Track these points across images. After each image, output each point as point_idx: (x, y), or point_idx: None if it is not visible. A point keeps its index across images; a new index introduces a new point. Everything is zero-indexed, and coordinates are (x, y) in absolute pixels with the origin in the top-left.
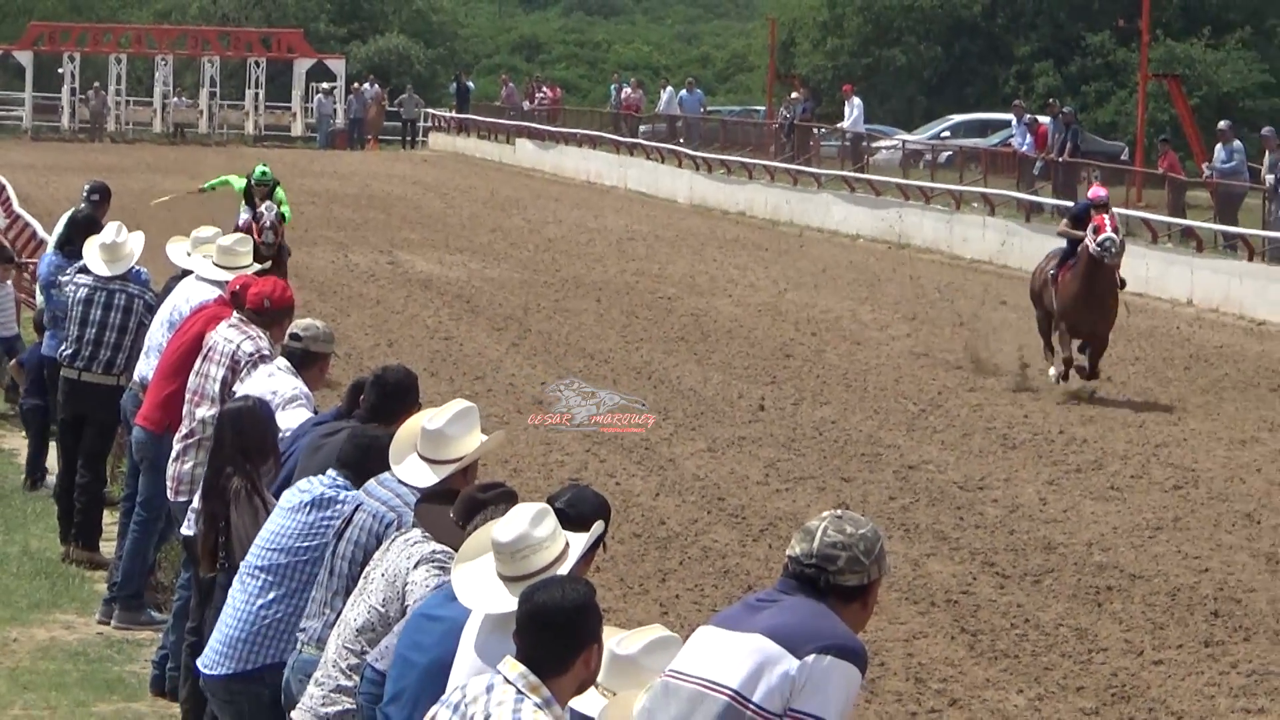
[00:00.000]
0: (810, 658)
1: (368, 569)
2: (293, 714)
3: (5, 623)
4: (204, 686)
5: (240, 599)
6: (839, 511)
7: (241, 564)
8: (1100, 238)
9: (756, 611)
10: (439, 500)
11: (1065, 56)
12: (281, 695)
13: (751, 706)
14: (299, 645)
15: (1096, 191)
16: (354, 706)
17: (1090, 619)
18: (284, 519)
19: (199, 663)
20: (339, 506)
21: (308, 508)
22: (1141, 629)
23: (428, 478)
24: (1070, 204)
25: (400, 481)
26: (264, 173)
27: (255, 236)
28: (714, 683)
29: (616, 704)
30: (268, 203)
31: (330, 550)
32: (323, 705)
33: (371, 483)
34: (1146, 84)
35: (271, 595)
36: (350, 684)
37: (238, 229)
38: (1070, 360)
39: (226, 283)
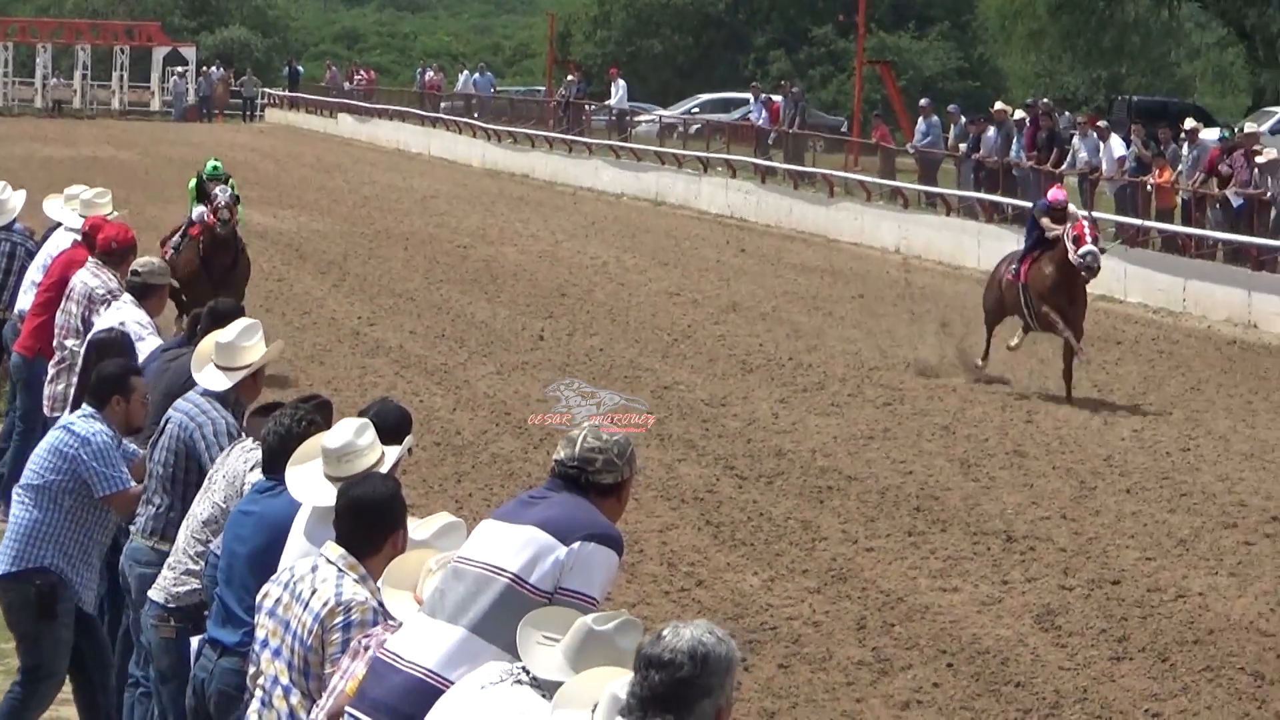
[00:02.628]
0: (576, 544)
1: (211, 471)
2: (149, 592)
3: None
4: None
5: (12, 513)
6: (597, 422)
7: None
8: (1082, 250)
9: (529, 507)
10: (265, 414)
11: (795, 45)
12: (51, 595)
13: (528, 587)
14: (131, 536)
15: (1056, 195)
16: (200, 586)
17: (814, 513)
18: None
19: None
20: (74, 429)
21: (54, 432)
22: (856, 521)
23: (222, 383)
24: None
25: (202, 394)
26: (215, 167)
27: (210, 217)
28: (496, 567)
29: (399, 562)
30: (221, 187)
31: (148, 457)
32: (174, 585)
33: (179, 400)
34: (862, 69)
35: (27, 509)
36: (197, 568)
37: (191, 223)
38: (1058, 328)
39: None
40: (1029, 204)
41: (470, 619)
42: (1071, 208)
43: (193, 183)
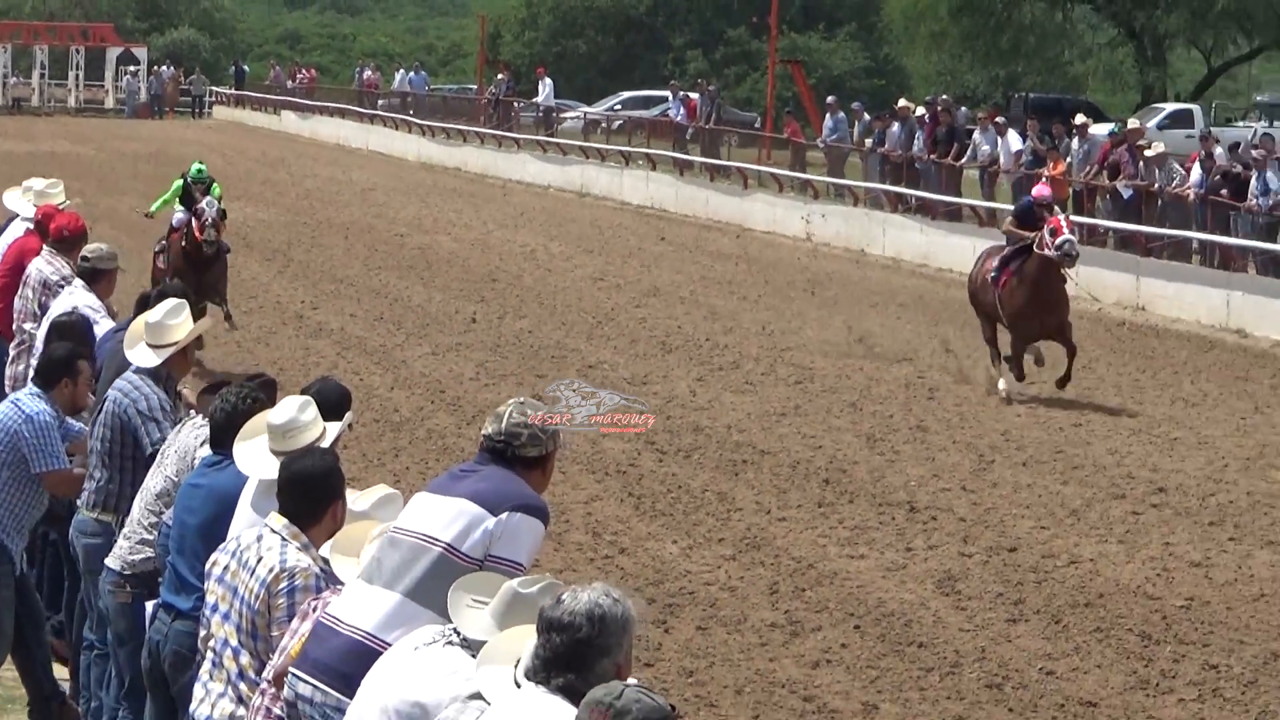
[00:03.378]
0: (504, 515)
1: (163, 447)
2: (107, 560)
3: None
4: None
5: None
6: (521, 399)
7: None
8: (1060, 240)
9: (460, 480)
10: (213, 392)
11: (711, 46)
12: (3, 561)
13: (460, 555)
14: (78, 509)
15: (1041, 190)
16: (154, 554)
17: (729, 485)
18: None
19: None
20: (20, 406)
21: (0, 407)
22: (769, 493)
23: (152, 360)
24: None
25: (135, 372)
26: (200, 170)
27: (197, 234)
28: (431, 537)
29: (346, 532)
30: (208, 199)
31: (90, 434)
32: (130, 554)
33: (118, 379)
34: (775, 68)
35: None
36: (151, 537)
37: (173, 230)
38: (1022, 370)
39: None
40: (931, 195)
41: (406, 585)
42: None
43: (177, 183)
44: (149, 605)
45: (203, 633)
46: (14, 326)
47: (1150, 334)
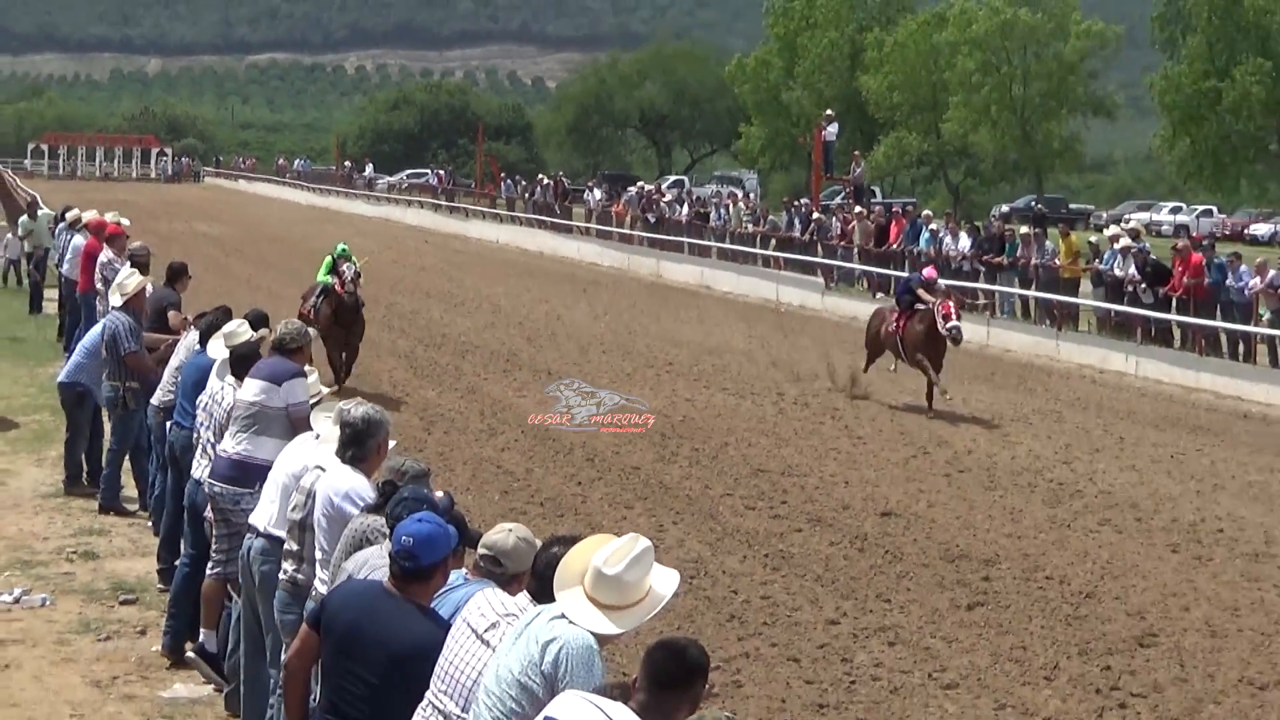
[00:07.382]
0: (286, 382)
1: (178, 346)
2: (151, 399)
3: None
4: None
5: (72, 357)
6: (286, 320)
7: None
8: (949, 325)
9: (261, 369)
10: (200, 318)
11: (450, 147)
12: (84, 396)
13: (268, 407)
14: (103, 381)
15: (930, 272)
16: (172, 397)
17: (463, 363)
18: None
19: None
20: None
21: (99, 325)
22: (485, 368)
23: (119, 300)
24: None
25: (115, 308)
26: (343, 250)
27: (339, 288)
28: (252, 402)
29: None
30: (348, 263)
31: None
32: (163, 396)
33: (109, 313)
34: (481, 159)
35: (79, 355)
36: (173, 389)
37: (326, 291)
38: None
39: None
40: (558, 220)
41: (244, 425)
42: (941, 283)
43: (328, 260)
44: (169, 425)
45: (196, 436)
46: (95, 288)
47: (706, 295)
